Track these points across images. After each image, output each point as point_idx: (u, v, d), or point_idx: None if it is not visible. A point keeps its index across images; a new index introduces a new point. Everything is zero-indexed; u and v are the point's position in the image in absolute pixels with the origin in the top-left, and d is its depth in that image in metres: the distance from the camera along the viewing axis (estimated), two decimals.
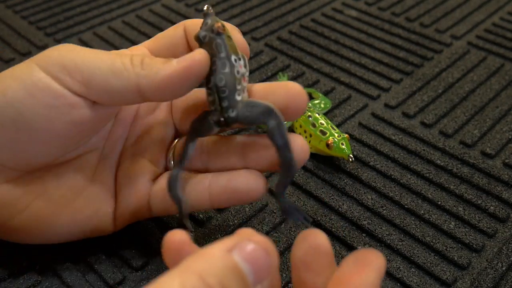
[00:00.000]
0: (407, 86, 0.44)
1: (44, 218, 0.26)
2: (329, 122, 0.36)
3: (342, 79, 0.45)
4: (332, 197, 0.34)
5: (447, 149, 0.38)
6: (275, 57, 0.48)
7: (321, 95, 0.42)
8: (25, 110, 0.23)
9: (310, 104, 0.40)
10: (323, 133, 0.35)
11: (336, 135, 0.35)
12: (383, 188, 0.35)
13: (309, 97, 0.43)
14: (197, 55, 0.24)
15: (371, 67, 0.46)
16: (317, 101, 0.41)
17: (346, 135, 0.35)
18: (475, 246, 0.31)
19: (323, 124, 0.36)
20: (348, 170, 0.36)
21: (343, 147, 0.34)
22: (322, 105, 0.40)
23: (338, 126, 0.40)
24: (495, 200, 0.34)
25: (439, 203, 0.34)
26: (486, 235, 0.32)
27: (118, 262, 0.30)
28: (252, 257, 0.17)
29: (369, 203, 0.34)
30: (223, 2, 0.56)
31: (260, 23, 0.52)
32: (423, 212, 0.33)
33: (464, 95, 0.43)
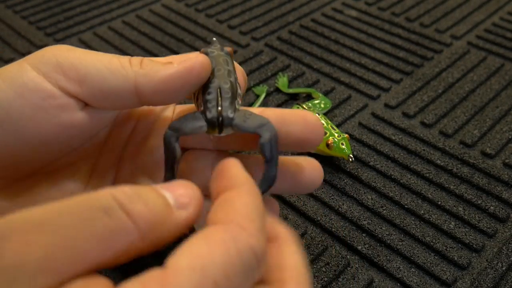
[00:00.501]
0: (407, 86, 0.44)
1: None
2: (329, 122, 0.36)
3: (342, 79, 0.45)
4: (332, 197, 0.34)
5: (447, 149, 0.38)
6: (275, 57, 0.48)
7: (321, 95, 0.42)
8: (12, 110, 0.22)
9: (310, 104, 0.40)
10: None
11: (336, 135, 0.35)
12: (383, 188, 0.35)
13: (309, 97, 0.43)
14: (200, 57, 0.23)
15: (371, 67, 0.46)
16: (317, 101, 0.40)
17: (346, 135, 0.35)
18: (475, 246, 0.31)
19: (323, 124, 0.36)
20: (348, 170, 0.36)
21: (343, 147, 0.34)
22: (322, 105, 0.40)
23: (338, 126, 0.40)
24: (495, 200, 0.34)
25: (439, 203, 0.34)
26: (486, 235, 0.32)
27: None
28: None
29: (369, 203, 0.34)
30: (223, 2, 0.56)
31: (260, 23, 0.52)
32: (423, 212, 0.33)
33: (464, 95, 0.43)
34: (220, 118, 0.24)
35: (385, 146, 0.38)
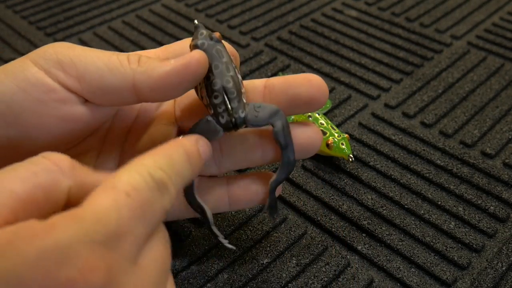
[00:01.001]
0: (407, 86, 0.44)
1: None
2: (329, 122, 0.36)
3: (342, 79, 0.45)
4: (332, 197, 0.34)
5: (447, 149, 0.38)
6: (275, 57, 0.48)
7: None
8: (14, 104, 0.23)
9: None
10: (323, 133, 0.35)
11: (336, 135, 0.35)
12: (383, 188, 0.35)
13: None
14: (196, 54, 0.24)
15: (371, 67, 0.46)
16: None
17: (346, 135, 0.35)
18: (475, 246, 0.31)
19: (323, 124, 0.36)
20: (348, 170, 0.36)
21: (343, 147, 0.34)
22: None
23: (338, 126, 0.40)
24: (495, 200, 0.34)
25: (439, 203, 0.34)
26: (486, 235, 0.32)
27: None
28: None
29: (369, 203, 0.34)
30: (223, 2, 0.56)
31: (260, 23, 0.52)
32: (423, 212, 0.33)
33: (464, 95, 0.43)
34: (233, 120, 0.25)
35: (385, 146, 0.38)
